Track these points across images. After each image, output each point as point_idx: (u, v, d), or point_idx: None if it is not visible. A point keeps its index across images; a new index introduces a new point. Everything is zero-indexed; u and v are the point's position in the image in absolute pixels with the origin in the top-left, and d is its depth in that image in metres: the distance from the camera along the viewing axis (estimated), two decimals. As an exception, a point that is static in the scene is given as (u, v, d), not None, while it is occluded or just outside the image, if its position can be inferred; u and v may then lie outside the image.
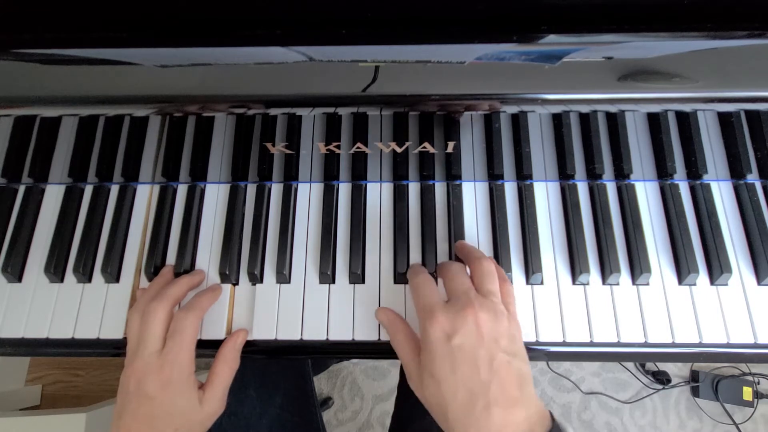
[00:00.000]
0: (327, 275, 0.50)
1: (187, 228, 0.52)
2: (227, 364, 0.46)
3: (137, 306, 0.45)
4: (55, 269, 0.51)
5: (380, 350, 0.48)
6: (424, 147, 0.47)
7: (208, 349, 0.48)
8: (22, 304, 0.50)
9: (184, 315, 0.44)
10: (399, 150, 0.47)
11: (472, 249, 0.47)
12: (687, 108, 0.42)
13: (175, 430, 0.41)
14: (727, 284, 0.50)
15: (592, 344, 0.48)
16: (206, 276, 0.51)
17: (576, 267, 0.50)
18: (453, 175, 0.52)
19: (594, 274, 0.50)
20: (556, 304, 0.49)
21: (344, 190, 0.54)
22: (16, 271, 0.51)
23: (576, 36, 0.39)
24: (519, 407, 0.35)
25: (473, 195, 0.53)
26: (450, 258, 0.51)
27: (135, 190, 0.55)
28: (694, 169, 0.50)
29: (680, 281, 0.50)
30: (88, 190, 0.55)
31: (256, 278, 0.51)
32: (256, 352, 0.49)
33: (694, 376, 1.27)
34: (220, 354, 0.46)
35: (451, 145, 0.47)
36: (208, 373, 0.45)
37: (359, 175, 0.53)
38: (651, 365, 1.30)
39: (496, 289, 0.41)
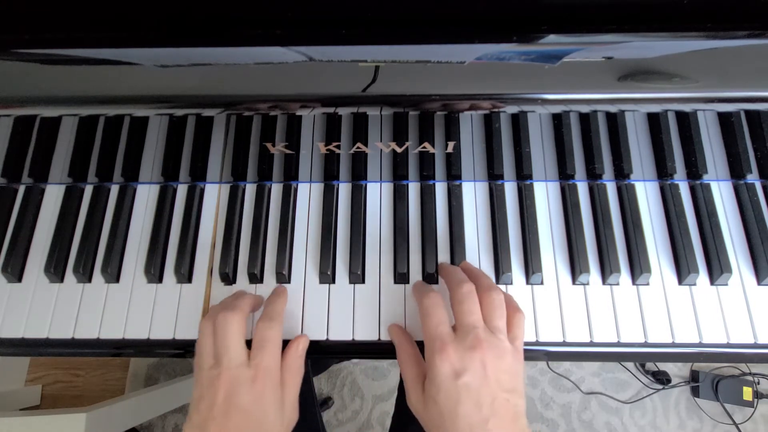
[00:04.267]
0: (327, 275, 0.50)
1: (187, 228, 0.52)
2: (293, 373, 0.45)
3: (208, 316, 0.44)
4: (55, 269, 0.51)
5: (380, 350, 0.48)
6: (424, 147, 0.47)
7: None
8: (22, 304, 0.50)
9: (268, 325, 0.43)
10: (399, 150, 0.47)
11: (480, 275, 0.46)
12: (687, 108, 0.42)
13: None
14: (727, 284, 0.50)
15: (592, 344, 0.48)
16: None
17: (576, 267, 0.50)
18: (453, 175, 0.52)
19: (594, 274, 0.50)
20: (556, 304, 0.49)
21: (344, 190, 0.54)
22: (16, 271, 0.51)
23: (576, 36, 0.39)
24: None
25: (473, 195, 0.53)
26: (450, 259, 0.51)
27: (135, 190, 0.55)
28: (694, 169, 0.50)
29: (680, 281, 0.50)
30: (88, 190, 0.55)
31: (255, 278, 0.51)
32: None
33: (694, 376, 1.27)
34: (285, 364, 0.44)
35: (451, 145, 0.47)
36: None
37: (359, 175, 0.53)
38: (651, 365, 1.30)
39: (502, 324, 0.42)
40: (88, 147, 0.48)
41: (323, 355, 0.49)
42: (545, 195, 0.53)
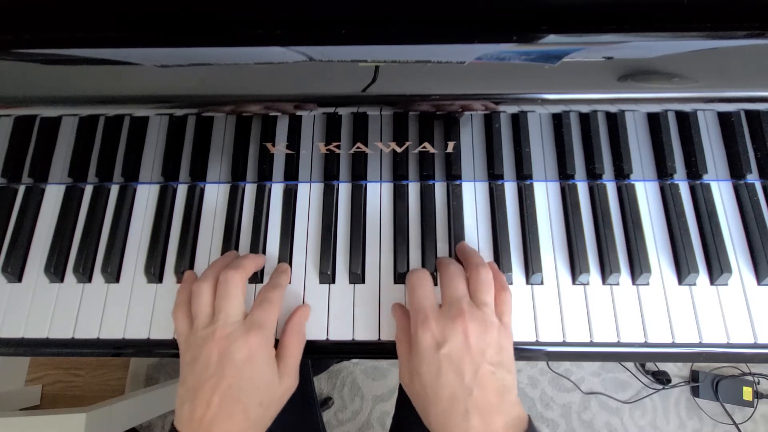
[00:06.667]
0: (327, 275, 0.50)
1: (187, 228, 0.52)
2: (295, 337, 0.45)
3: (204, 278, 0.43)
4: (55, 269, 0.51)
5: (380, 350, 0.48)
6: (424, 147, 0.47)
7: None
8: (22, 304, 0.50)
9: (271, 289, 0.45)
10: (399, 150, 0.47)
11: (472, 254, 0.46)
12: (687, 108, 0.42)
13: (260, 404, 0.40)
14: (727, 284, 0.50)
15: (592, 344, 0.48)
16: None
17: (576, 267, 0.50)
18: (453, 175, 0.52)
19: (594, 274, 0.50)
20: (556, 304, 0.49)
21: (344, 190, 0.54)
22: (16, 271, 0.51)
23: (576, 36, 0.39)
24: (498, 414, 0.37)
25: (473, 195, 0.53)
26: (450, 256, 0.51)
27: (135, 190, 0.55)
28: (694, 169, 0.50)
29: (680, 281, 0.50)
30: (88, 190, 0.55)
31: (256, 277, 0.51)
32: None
33: (694, 376, 1.27)
34: (288, 328, 0.45)
35: (451, 145, 0.47)
36: (278, 348, 0.44)
37: (359, 175, 0.53)
38: (651, 365, 1.30)
39: (490, 299, 0.42)
40: (88, 147, 0.48)
41: (323, 355, 0.49)
42: (545, 195, 0.53)
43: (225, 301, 0.42)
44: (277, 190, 0.54)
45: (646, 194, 0.53)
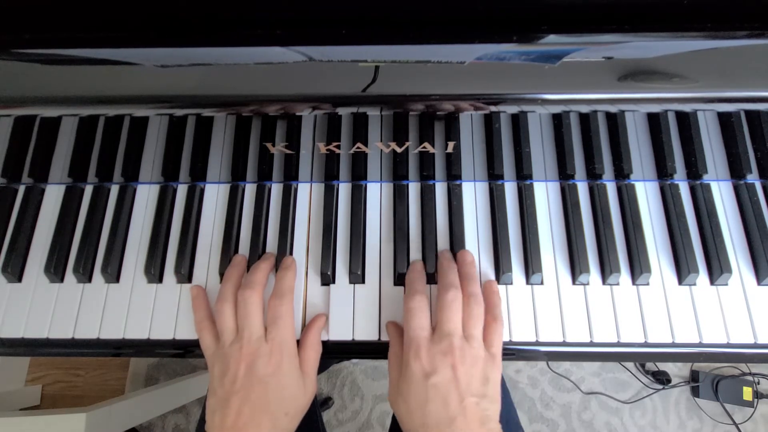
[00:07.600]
0: (327, 275, 0.50)
1: (187, 228, 0.52)
2: (313, 349, 0.47)
3: (224, 298, 0.46)
4: (55, 269, 0.51)
5: (380, 350, 0.48)
6: (424, 147, 0.47)
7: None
8: (22, 304, 0.50)
9: (279, 302, 0.46)
10: (399, 150, 0.47)
11: (470, 279, 0.47)
12: (687, 108, 0.42)
13: (286, 413, 0.43)
14: (727, 284, 0.50)
15: (592, 344, 0.48)
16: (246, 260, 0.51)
17: (576, 267, 0.50)
18: (453, 175, 0.52)
19: (594, 274, 0.50)
20: (556, 304, 0.49)
21: (344, 190, 0.54)
22: (16, 271, 0.51)
23: (576, 36, 0.39)
24: None
25: (473, 195, 0.53)
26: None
27: (135, 190, 0.55)
28: (694, 169, 0.50)
29: (680, 281, 0.50)
30: (88, 190, 0.55)
31: (256, 278, 0.50)
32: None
33: (694, 376, 1.27)
34: (305, 340, 0.47)
35: (451, 145, 0.47)
36: (300, 362, 0.46)
37: (359, 175, 0.53)
38: (651, 365, 1.30)
39: (478, 333, 0.44)
40: (88, 147, 0.48)
41: (323, 355, 0.49)
42: (545, 195, 0.53)
43: (247, 320, 0.45)
44: (277, 190, 0.54)
45: (646, 194, 0.53)
